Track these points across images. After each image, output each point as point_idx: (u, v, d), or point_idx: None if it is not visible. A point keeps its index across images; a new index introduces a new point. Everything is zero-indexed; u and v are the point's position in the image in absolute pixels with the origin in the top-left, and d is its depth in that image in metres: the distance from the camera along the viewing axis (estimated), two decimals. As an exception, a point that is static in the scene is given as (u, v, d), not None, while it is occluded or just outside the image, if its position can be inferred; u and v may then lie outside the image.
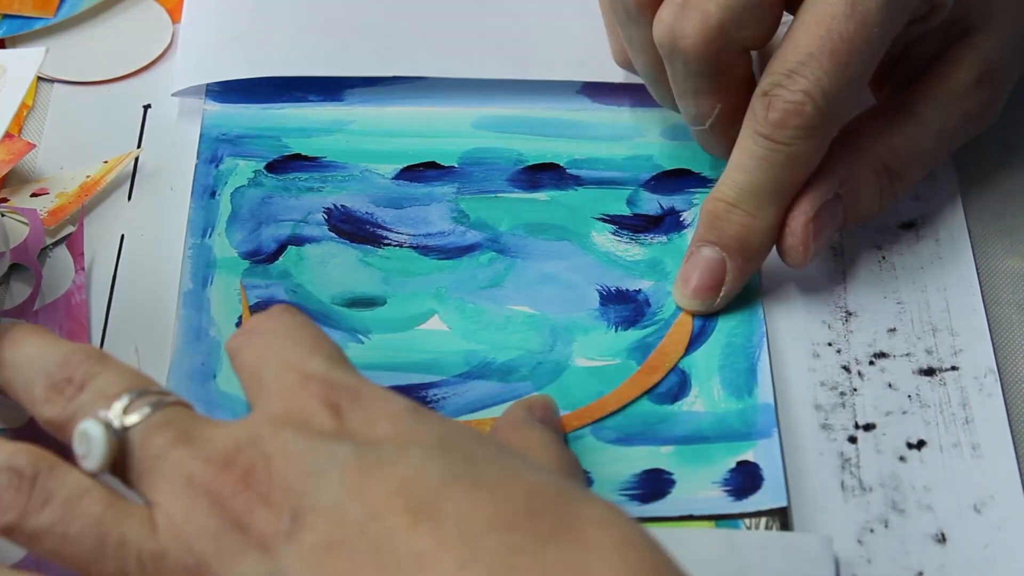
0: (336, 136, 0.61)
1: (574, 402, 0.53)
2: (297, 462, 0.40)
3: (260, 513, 0.40)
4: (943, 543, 0.50)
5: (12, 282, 0.56)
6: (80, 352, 0.45)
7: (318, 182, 0.60)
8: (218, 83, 0.62)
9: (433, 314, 0.56)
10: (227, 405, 0.53)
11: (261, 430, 0.41)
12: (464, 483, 0.39)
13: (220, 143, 0.60)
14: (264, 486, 0.40)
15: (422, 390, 0.54)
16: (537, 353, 0.55)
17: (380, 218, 0.59)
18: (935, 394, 0.53)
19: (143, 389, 0.44)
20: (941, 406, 0.53)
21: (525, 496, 0.39)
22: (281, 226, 0.58)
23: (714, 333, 0.55)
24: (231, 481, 0.40)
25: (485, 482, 0.39)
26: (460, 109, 0.62)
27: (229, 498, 0.40)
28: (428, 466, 0.39)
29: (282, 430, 0.41)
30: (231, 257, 0.57)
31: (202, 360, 0.54)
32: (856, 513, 0.51)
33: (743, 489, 0.51)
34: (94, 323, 0.55)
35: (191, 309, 0.55)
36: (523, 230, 0.58)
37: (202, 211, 0.58)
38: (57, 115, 0.62)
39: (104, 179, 0.59)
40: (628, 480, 0.51)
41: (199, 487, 0.41)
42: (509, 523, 0.38)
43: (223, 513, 0.40)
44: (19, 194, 0.59)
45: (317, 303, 0.56)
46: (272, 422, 0.42)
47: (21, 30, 0.64)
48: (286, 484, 0.40)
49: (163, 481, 0.41)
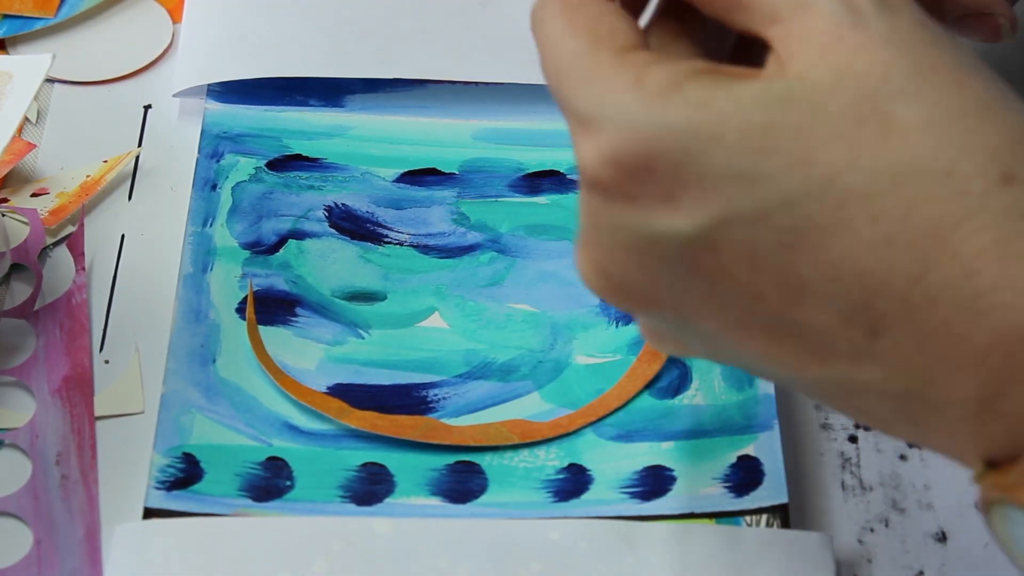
0: (336, 140, 0.61)
1: (576, 400, 0.53)
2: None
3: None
4: (944, 542, 0.50)
5: (12, 282, 0.56)
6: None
7: (319, 181, 0.60)
8: (219, 83, 0.62)
9: (433, 311, 0.56)
10: (227, 392, 0.53)
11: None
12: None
13: (221, 140, 0.60)
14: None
15: (422, 390, 0.54)
16: (537, 352, 0.55)
17: (381, 217, 0.59)
18: (936, 393, 0.53)
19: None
20: (942, 405, 0.53)
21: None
22: (282, 220, 0.58)
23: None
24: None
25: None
26: (461, 121, 0.62)
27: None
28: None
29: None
30: (231, 246, 0.57)
31: (201, 342, 0.54)
32: (857, 512, 0.51)
33: (744, 485, 0.51)
34: (94, 323, 0.55)
35: (190, 291, 0.55)
36: (523, 231, 0.58)
37: (203, 202, 0.58)
38: (57, 115, 0.62)
39: (104, 179, 0.59)
40: (629, 478, 0.51)
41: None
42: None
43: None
44: (19, 194, 0.59)
45: (317, 295, 0.56)
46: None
47: (21, 30, 0.64)
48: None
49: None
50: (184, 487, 0.50)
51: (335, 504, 0.51)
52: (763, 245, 0.36)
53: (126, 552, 0.48)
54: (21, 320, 0.55)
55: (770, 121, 0.36)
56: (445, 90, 0.63)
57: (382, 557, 0.48)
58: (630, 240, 0.38)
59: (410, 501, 0.51)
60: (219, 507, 0.50)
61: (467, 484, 0.51)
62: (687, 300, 0.39)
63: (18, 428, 0.52)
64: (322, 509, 0.50)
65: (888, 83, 0.36)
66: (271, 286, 0.56)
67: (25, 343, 0.54)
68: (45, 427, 0.52)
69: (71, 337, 0.54)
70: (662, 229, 0.37)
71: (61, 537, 0.49)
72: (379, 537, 0.49)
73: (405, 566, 0.48)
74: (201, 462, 0.51)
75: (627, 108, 0.37)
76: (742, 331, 0.39)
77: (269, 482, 0.51)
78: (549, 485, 0.51)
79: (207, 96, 0.62)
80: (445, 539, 0.49)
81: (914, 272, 0.35)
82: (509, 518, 0.50)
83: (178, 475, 0.51)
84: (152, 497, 0.50)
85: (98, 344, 0.55)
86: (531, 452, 0.52)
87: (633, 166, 0.37)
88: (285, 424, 0.52)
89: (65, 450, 0.51)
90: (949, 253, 0.35)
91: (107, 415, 0.53)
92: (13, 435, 0.52)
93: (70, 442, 0.52)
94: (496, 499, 0.51)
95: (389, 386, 0.54)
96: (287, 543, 0.49)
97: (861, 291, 0.36)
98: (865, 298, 0.36)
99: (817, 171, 0.36)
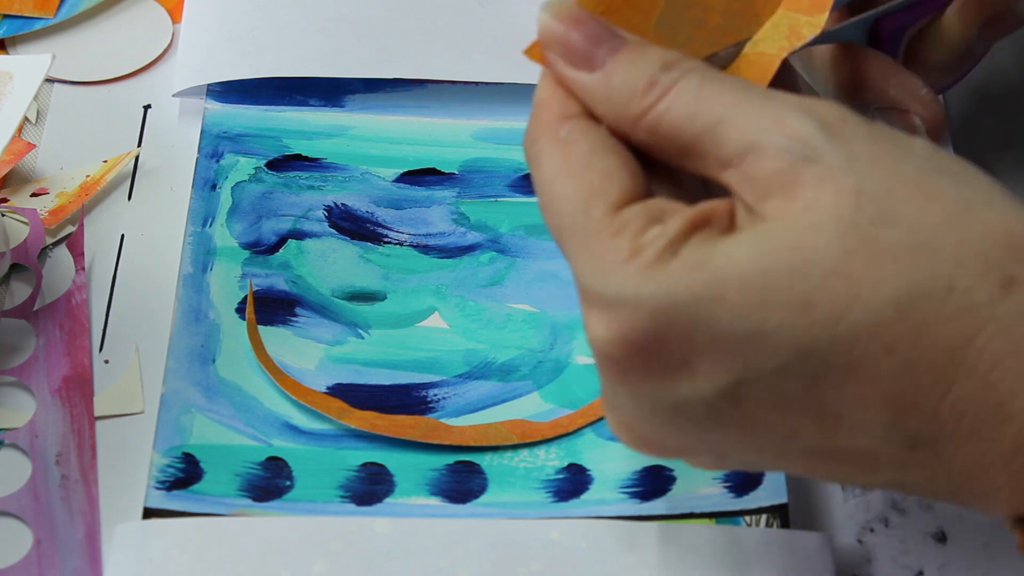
0: (336, 140, 0.61)
1: (575, 400, 0.53)
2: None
3: None
4: (943, 542, 0.50)
5: (12, 282, 0.56)
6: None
7: (319, 181, 0.60)
8: (219, 83, 0.62)
9: (433, 311, 0.56)
10: (227, 392, 0.53)
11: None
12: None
13: (221, 140, 0.60)
14: None
15: (422, 390, 0.54)
16: (538, 352, 0.55)
17: (380, 217, 0.59)
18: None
19: None
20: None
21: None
22: (281, 220, 0.58)
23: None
24: None
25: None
26: (460, 121, 0.62)
27: None
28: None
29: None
30: (231, 246, 0.57)
31: (201, 342, 0.54)
32: (856, 512, 0.51)
33: (743, 485, 0.50)
34: (94, 323, 0.55)
35: (190, 291, 0.55)
36: (523, 231, 0.58)
37: (203, 202, 0.58)
38: (57, 115, 0.62)
39: (104, 179, 0.59)
40: (629, 477, 0.51)
41: None
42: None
43: None
44: (19, 194, 0.59)
45: (317, 295, 0.56)
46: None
47: (21, 30, 0.64)
48: None
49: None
50: (184, 487, 0.50)
51: (335, 504, 0.51)
52: (787, 391, 0.37)
53: (126, 552, 0.48)
54: (21, 320, 0.55)
55: (763, 271, 0.37)
56: (445, 90, 0.63)
57: (382, 557, 0.48)
58: (653, 408, 0.39)
59: (410, 501, 0.51)
60: (219, 507, 0.50)
61: (467, 484, 0.51)
62: (723, 445, 0.40)
63: (18, 428, 0.52)
64: (322, 509, 0.50)
65: (861, 211, 0.37)
66: (271, 286, 0.56)
67: (25, 343, 0.54)
68: (45, 427, 0.52)
69: (71, 337, 0.54)
70: (684, 395, 0.38)
71: (61, 537, 0.49)
72: (379, 537, 0.49)
73: (405, 566, 0.48)
74: (201, 462, 0.51)
75: (628, 284, 0.38)
76: (783, 460, 0.40)
77: (269, 482, 0.51)
78: (549, 485, 0.51)
79: (207, 96, 0.62)
80: (445, 539, 0.49)
81: (938, 391, 0.36)
82: (509, 518, 0.50)
83: (178, 475, 0.51)
84: (152, 497, 0.50)
85: (98, 344, 0.55)
86: (531, 452, 0.52)
87: (644, 344, 0.38)
88: (285, 424, 0.52)
89: (65, 450, 0.51)
90: (967, 368, 0.36)
91: (107, 415, 0.53)
92: (13, 435, 0.52)
93: (70, 442, 0.52)
94: (496, 499, 0.51)
95: (389, 386, 0.54)
96: (287, 543, 0.49)
97: (893, 414, 0.37)
98: (897, 420, 0.37)
99: (821, 314, 0.36)
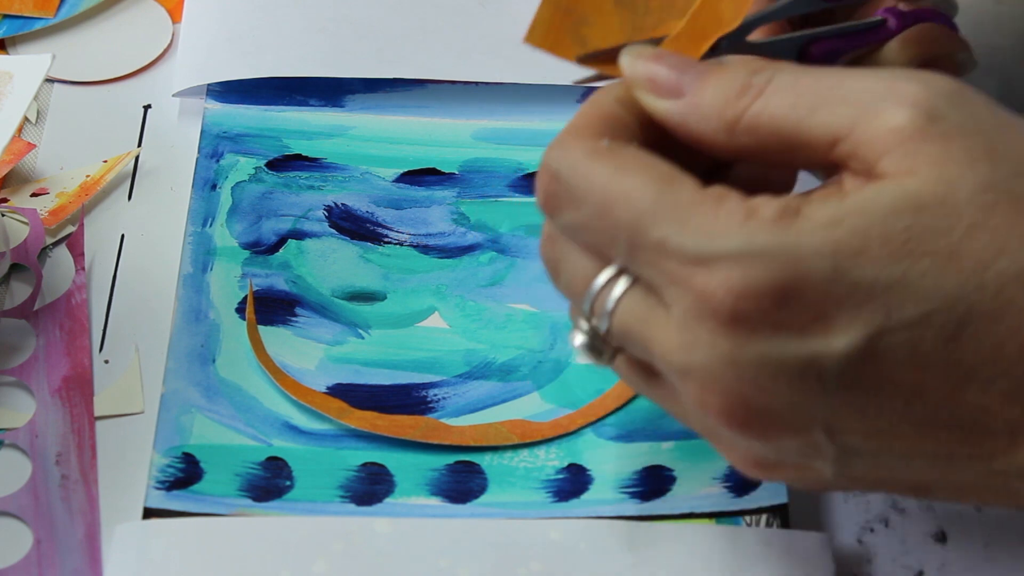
0: (336, 140, 0.61)
1: (575, 400, 0.53)
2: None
3: None
4: (943, 542, 0.50)
5: (12, 282, 0.56)
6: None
7: (319, 181, 0.60)
8: (219, 83, 0.62)
9: (433, 311, 0.56)
10: (227, 392, 0.53)
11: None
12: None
13: (221, 140, 0.60)
14: None
15: (422, 390, 0.54)
16: (537, 352, 0.55)
17: (380, 217, 0.59)
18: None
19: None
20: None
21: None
22: (281, 220, 0.58)
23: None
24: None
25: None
26: (460, 121, 0.62)
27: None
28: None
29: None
30: (231, 246, 0.57)
31: (201, 342, 0.54)
32: (856, 512, 0.51)
33: (744, 485, 0.50)
34: (94, 323, 0.55)
35: (190, 291, 0.55)
36: (523, 231, 0.58)
37: (203, 202, 0.58)
38: (57, 115, 0.62)
39: (104, 179, 0.59)
40: (629, 478, 0.51)
41: None
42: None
43: None
44: (19, 194, 0.59)
45: (317, 295, 0.56)
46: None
47: (21, 30, 0.64)
48: None
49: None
50: (184, 487, 0.50)
51: (335, 504, 0.51)
52: (925, 343, 0.38)
53: (126, 552, 0.48)
54: (21, 320, 0.55)
55: (907, 225, 0.37)
56: (445, 90, 0.63)
57: (382, 557, 0.48)
58: (778, 368, 0.39)
59: (410, 501, 0.51)
60: (219, 507, 0.50)
61: (467, 484, 0.51)
62: (840, 413, 0.39)
63: (18, 428, 0.52)
64: (322, 509, 0.50)
65: (997, 168, 0.38)
66: (271, 286, 0.56)
67: (25, 343, 0.54)
68: (45, 427, 0.52)
69: (71, 337, 0.54)
70: (818, 350, 0.38)
71: (61, 537, 0.49)
72: (379, 537, 0.49)
73: (405, 566, 0.48)
74: (201, 462, 0.51)
75: (758, 238, 0.38)
76: (890, 432, 0.39)
77: (269, 482, 0.51)
78: (549, 485, 0.51)
79: (207, 96, 0.62)
80: (445, 539, 0.49)
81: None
82: (509, 518, 0.50)
83: (178, 475, 0.51)
84: (152, 497, 0.50)
85: (98, 344, 0.55)
86: (531, 452, 0.52)
87: (778, 295, 0.38)
88: (285, 424, 0.52)
89: (65, 450, 0.51)
90: None
91: (107, 415, 0.53)
92: (13, 435, 0.52)
93: (70, 442, 0.52)
94: (496, 499, 0.51)
95: (389, 386, 0.54)
96: (287, 543, 0.49)
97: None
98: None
99: (969, 263, 0.37)
